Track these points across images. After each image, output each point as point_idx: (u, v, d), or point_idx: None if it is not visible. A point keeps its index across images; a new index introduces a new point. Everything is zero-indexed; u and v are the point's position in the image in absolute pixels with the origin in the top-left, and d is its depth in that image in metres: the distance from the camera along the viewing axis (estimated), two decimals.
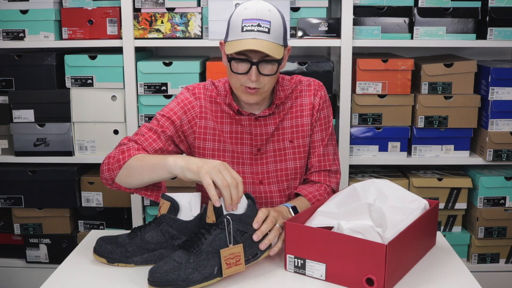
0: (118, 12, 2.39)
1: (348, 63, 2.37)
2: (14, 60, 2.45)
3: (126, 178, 1.60)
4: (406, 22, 2.38)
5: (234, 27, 1.59)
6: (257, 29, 1.55)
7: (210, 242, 1.33)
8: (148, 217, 2.55)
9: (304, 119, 1.77)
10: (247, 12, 1.58)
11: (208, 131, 1.75)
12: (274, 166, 1.78)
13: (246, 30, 1.56)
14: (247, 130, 1.74)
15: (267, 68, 1.60)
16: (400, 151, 2.48)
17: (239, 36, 1.57)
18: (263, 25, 1.55)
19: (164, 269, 1.31)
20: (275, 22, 1.57)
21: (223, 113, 1.74)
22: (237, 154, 1.75)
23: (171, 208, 1.45)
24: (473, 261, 2.54)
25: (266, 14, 1.56)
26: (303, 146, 1.78)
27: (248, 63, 1.59)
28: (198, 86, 1.78)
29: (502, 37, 2.38)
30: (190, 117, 1.74)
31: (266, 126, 1.75)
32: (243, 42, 1.56)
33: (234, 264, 1.35)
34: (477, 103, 2.42)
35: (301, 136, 1.77)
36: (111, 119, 2.47)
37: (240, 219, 1.36)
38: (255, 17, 1.56)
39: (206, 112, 1.75)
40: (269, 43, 1.56)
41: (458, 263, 1.50)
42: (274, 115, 1.75)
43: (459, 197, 2.49)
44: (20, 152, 2.50)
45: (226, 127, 1.75)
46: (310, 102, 1.78)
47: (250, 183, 1.78)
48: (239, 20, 1.58)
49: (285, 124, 1.77)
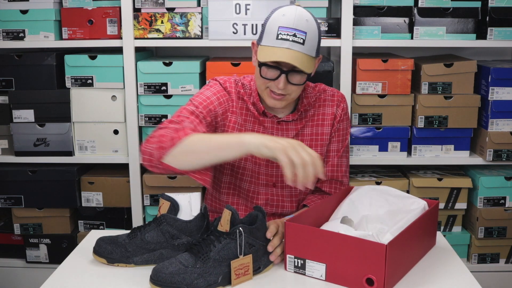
0: (118, 12, 2.39)
1: (348, 63, 2.37)
2: (14, 60, 2.45)
3: (182, 157, 1.51)
4: (406, 22, 2.38)
5: (269, 32, 1.57)
6: (292, 39, 1.54)
7: (218, 250, 1.34)
8: (148, 217, 2.55)
9: (325, 128, 1.78)
10: (284, 19, 1.56)
11: (236, 126, 1.73)
12: None
13: (281, 38, 1.55)
14: (268, 132, 1.75)
15: (296, 78, 1.60)
16: (400, 151, 2.48)
17: (273, 43, 1.56)
18: (299, 35, 1.54)
19: (170, 270, 1.31)
20: (310, 33, 1.56)
21: (248, 111, 1.74)
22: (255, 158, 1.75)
23: (171, 208, 1.46)
24: (473, 261, 2.54)
25: (303, 24, 1.55)
26: (320, 155, 1.76)
27: (278, 71, 1.58)
28: (229, 80, 1.76)
29: (502, 37, 2.38)
30: (224, 109, 1.72)
31: (288, 131, 1.76)
32: (276, 51, 1.55)
33: (243, 275, 1.37)
34: (477, 103, 2.42)
35: (319, 145, 1.78)
36: (111, 119, 2.47)
37: (251, 231, 1.38)
38: (292, 26, 1.54)
39: (236, 107, 1.73)
40: (302, 55, 1.55)
41: (458, 263, 1.50)
42: (296, 121, 1.76)
43: (459, 197, 2.49)
44: (20, 152, 2.50)
45: (249, 125, 1.75)
46: (332, 112, 1.78)
47: (264, 185, 1.79)
48: (276, 26, 1.56)
49: (305, 131, 1.77)
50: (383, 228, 1.51)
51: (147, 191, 2.50)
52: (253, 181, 1.79)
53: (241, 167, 1.78)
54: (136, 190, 2.50)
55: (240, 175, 1.79)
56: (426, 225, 1.53)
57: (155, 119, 2.44)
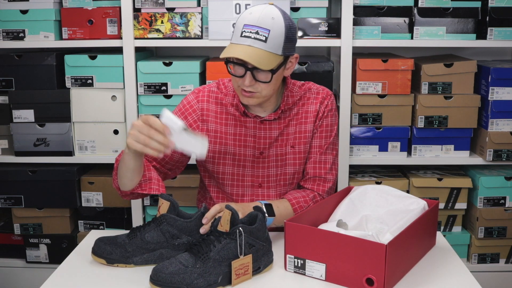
0: (118, 12, 2.39)
1: (348, 63, 2.37)
2: (14, 60, 2.45)
3: (120, 180, 1.63)
4: (406, 22, 2.38)
5: (236, 29, 1.60)
6: (254, 37, 1.55)
7: (218, 250, 1.34)
8: (148, 217, 2.55)
9: (307, 126, 1.77)
10: (250, 17, 1.57)
11: (210, 134, 1.75)
12: (275, 170, 1.78)
13: (244, 36, 1.57)
14: (251, 132, 1.75)
15: (262, 76, 1.60)
16: (400, 151, 2.48)
17: (237, 40, 1.58)
18: (262, 33, 1.55)
19: (170, 270, 1.31)
20: (275, 31, 1.56)
21: (228, 115, 1.75)
22: (238, 156, 1.76)
23: (170, 208, 1.46)
24: (473, 261, 2.54)
25: (267, 22, 1.55)
26: (303, 152, 1.78)
27: (243, 68, 1.59)
28: (203, 89, 1.79)
29: (502, 37, 2.38)
30: (192, 121, 1.76)
31: (271, 130, 1.75)
32: (236, 48, 1.57)
33: (243, 274, 1.37)
34: (477, 103, 2.42)
35: (302, 142, 1.77)
36: (111, 119, 2.47)
37: (251, 231, 1.38)
38: (256, 24, 1.56)
39: (208, 114, 1.75)
40: (262, 52, 1.55)
41: (458, 263, 1.51)
42: (280, 120, 1.75)
43: (459, 197, 2.49)
44: (20, 152, 2.50)
45: (230, 128, 1.75)
46: (315, 109, 1.77)
47: (249, 186, 1.79)
48: (241, 24, 1.58)
49: (289, 129, 1.77)
50: (383, 228, 1.51)
51: None
52: (236, 184, 1.79)
53: (220, 172, 1.79)
54: None
55: (220, 180, 1.80)
56: (426, 225, 1.53)
57: None
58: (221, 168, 1.77)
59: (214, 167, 1.78)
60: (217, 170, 1.78)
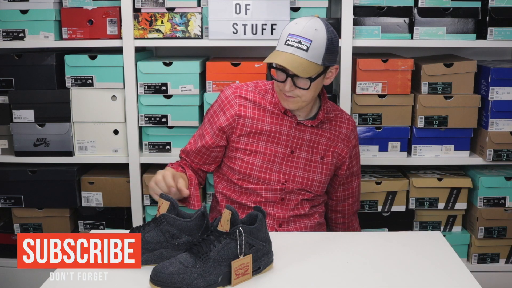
0: (118, 12, 2.39)
1: (348, 63, 2.37)
2: (14, 60, 2.45)
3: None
4: (406, 22, 2.38)
5: (282, 38, 1.70)
6: (296, 46, 1.65)
7: (218, 250, 1.34)
8: (148, 217, 2.55)
9: (339, 144, 1.89)
10: (295, 27, 1.67)
11: (244, 129, 1.82)
12: (302, 173, 1.86)
13: (287, 44, 1.67)
14: (285, 131, 1.83)
15: (301, 82, 1.69)
16: (400, 151, 2.48)
17: (281, 48, 1.68)
18: (304, 43, 1.65)
19: (170, 270, 1.31)
20: (317, 42, 1.65)
21: (265, 112, 1.83)
22: (269, 152, 1.83)
23: (170, 208, 1.46)
24: (473, 261, 2.54)
25: (311, 32, 1.65)
26: (330, 165, 1.88)
27: (284, 74, 1.69)
28: (241, 86, 1.87)
29: (502, 37, 2.38)
30: (229, 115, 1.82)
31: (304, 133, 1.84)
32: (279, 55, 1.67)
33: (242, 274, 1.37)
34: (477, 103, 2.42)
35: (331, 156, 1.88)
36: (111, 119, 2.47)
37: (251, 231, 1.38)
38: (299, 34, 1.65)
39: (246, 110, 1.82)
40: (303, 60, 1.65)
41: (458, 263, 1.50)
42: (313, 128, 1.85)
43: (459, 197, 2.49)
44: (20, 152, 2.50)
45: (266, 125, 1.83)
46: (347, 134, 1.91)
47: (276, 181, 1.84)
48: (287, 33, 1.69)
49: (321, 140, 1.86)
50: None
51: (147, 191, 2.50)
52: (263, 177, 1.85)
53: (250, 163, 1.86)
54: (136, 190, 2.50)
55: (248, 172, 1.86)
56: None
57: (155, 119, 2.44)
58: (251, 159, 1.83)
59: (244, 157, 1.83)
60: (246, 160, 1.83)
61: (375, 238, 1.73)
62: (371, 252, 1.58)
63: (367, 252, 1.58)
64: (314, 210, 1.92)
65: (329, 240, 1.68)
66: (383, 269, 1.47)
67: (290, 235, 1.78)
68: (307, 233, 1.85)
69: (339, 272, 1.45)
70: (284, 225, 1.87)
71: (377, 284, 1.40)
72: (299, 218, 1.89)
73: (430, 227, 2.53)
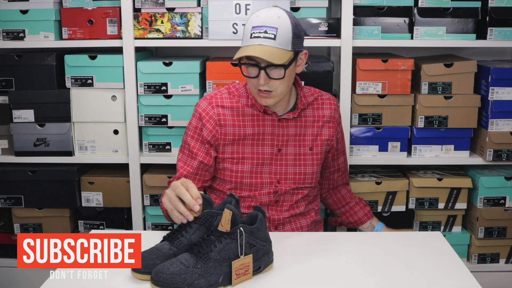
0: (118, 12, 2.39)
1: (348, 63, 2.37)
2: (14, 60, 2.45)
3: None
4: (406, 22, 2.38)
5: (246, 33, 1.68)
6: (263, 36, 1.63)
7: (219, 251, 1.35)
8: (148, 217, 2.54)
9: (324, 130, 1.88)
10: (257, 19, 1.66)
11: (228, 138, 1.81)
12: (292, 168, 1.85)
13: (254, 37, 1.65)
14: (269, 130, 1.81)
15: (275, 73, 1.67)
16: (400, 151, 2.48)
17: (247, 42, 1.66)
18: (270, 31, 1.63)
19: (171, 271, 1.31)
20: (282, 28, 1.63)
21: (244, 116, 1.81)
22: (257, 155, 1.81)
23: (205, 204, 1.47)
24: (473, 261, 2.54)
25: (274, 20, 1.64)
26: (320, 154, 1.88)
27: (257, 68, 1.67)
28: (215, 95, 1.85)
29: (502, 37, 2.38)
30: (211, 127, 1.81)
31: (288, 128, 1.83)
32: (248, 49, 1.64)
33: (243, 274, 1.38)
34: (477, 103, 2.42)
35: (319, 144, 1.87)
36: (111, 119, 2.47)
37: (252, 231, 1.38)
38: (263, 24, 1.64)
39: (225, 119, 1.81)
40: (274, 49, 1.62)
41: (458, 263, 1.51)
42: (296, 120, 1.83)
43: (459, 197, 2.49)
44: (20, 152, 2.50)
45: (248, 129, 1.81)
46: (330, 115, 1.89)
47: (268, 183, 1.83)
48: (250, 27, 1.67)
49: (306, 131, 1.85)
50: None
51: (147, 191, 2.50)
52: (255, 181, 1.84)
53: (239, 171, 1.84)
54: (136, 190, 2.50)
55: (239, 179, 1.84)
56: None
57: (155, 119, 2.44)
58: (240, 167, 1.82)
59: (233, 166, 1.82)
60: (235, 169, 1.82)
61: (375, 238, 1.74)
62: (371, 252, 1.58)
63: (367, 252, 1.58)
64: (310, 208, 1.91)
65: (329, 240, 1.69)
66: (383, 269, 1.47)
67: (290, 235, 1.78)
68: (307, 233, 1.85)
69: (339, 272, 1.45)
70: (280, 227, 1.87)
71: (377, 284, 1.40)
72: (295, 218, 1.88)
73: (430, 227, 2.53)
